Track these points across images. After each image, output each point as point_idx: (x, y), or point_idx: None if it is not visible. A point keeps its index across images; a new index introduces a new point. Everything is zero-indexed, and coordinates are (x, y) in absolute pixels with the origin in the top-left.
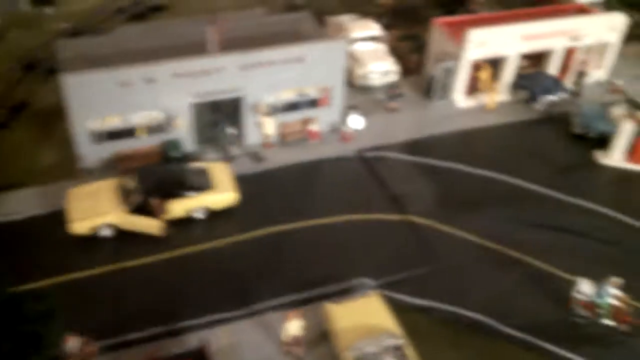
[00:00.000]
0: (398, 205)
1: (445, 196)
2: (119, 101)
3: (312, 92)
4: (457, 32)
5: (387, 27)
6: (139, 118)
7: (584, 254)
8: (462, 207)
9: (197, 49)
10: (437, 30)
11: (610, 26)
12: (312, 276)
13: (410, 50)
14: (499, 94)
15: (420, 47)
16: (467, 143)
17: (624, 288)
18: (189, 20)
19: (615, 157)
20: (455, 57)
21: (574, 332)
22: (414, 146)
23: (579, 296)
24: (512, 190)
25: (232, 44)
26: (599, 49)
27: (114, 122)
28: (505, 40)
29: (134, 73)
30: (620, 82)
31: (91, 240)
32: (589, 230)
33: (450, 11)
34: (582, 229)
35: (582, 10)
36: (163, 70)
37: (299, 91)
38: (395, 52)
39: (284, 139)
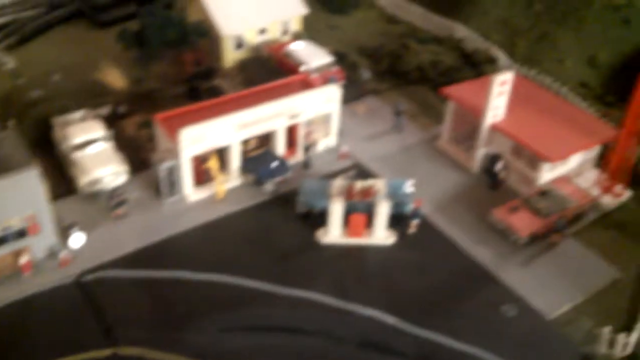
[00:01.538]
0: (112, 337)
1: (165, 313)
2: None
3: (16, 224)
4: (173, 129)
5: (125, 115)
6: None
7: (293, 354)
8: (180, 323)
9: None
10: (158, 127)
11: (326, 98)
12: None
13: (149, 139)
14: (229, 181)
15: None
16: (196, 242)
17: None
18: None
19: (333, 235)
20: (175, 154)
21: None
22: (140, 257)
23: None
24: (233, 292)
25: None
26: (324, 118)
27: None
28: (221, 133)
29: None
30: (345, 148)
31: None
32: (301, 324)
33: (193, 88)
34: (295, 324)
35: (306, 83)
36: None
37: (1, 225)
38: (135, 142)
39: None
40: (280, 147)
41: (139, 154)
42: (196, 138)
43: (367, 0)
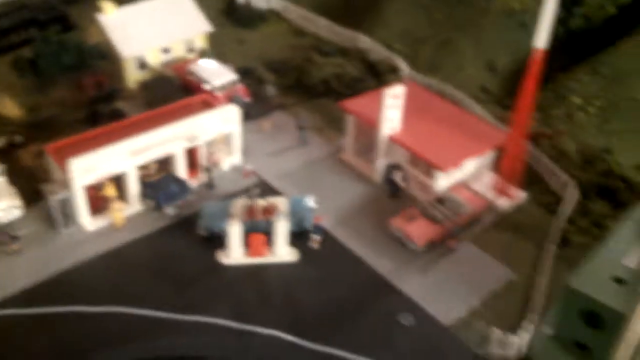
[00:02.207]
0: None
1: (64, 351)
2: None
3: None
4: (67, 159)
5: (21, 145)
6: None
7: None
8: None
9: None
10: (48, 157)
11: (225, 118)
12: None
13: (46, 169)
14: (128, 208)
15: None
16: (95, 273)
17: None
18: None
19: (234, 256)
20: (67, 184)
21: None
22: (35, 293)
23: None
24: (134, 323)
25: None
26: (226, 137)
27: None
28: (114, 160)
29: None
30: (249, 166)
31: None
32: (204, 351)
33: (94, 112)
34: (198, 352)
35: (207, 103)
36: None
37: None
38: (32, 172)
39: None
40: (180, 170)
41: (36, 184)
42: (88, 167)
43: (275, 14)
